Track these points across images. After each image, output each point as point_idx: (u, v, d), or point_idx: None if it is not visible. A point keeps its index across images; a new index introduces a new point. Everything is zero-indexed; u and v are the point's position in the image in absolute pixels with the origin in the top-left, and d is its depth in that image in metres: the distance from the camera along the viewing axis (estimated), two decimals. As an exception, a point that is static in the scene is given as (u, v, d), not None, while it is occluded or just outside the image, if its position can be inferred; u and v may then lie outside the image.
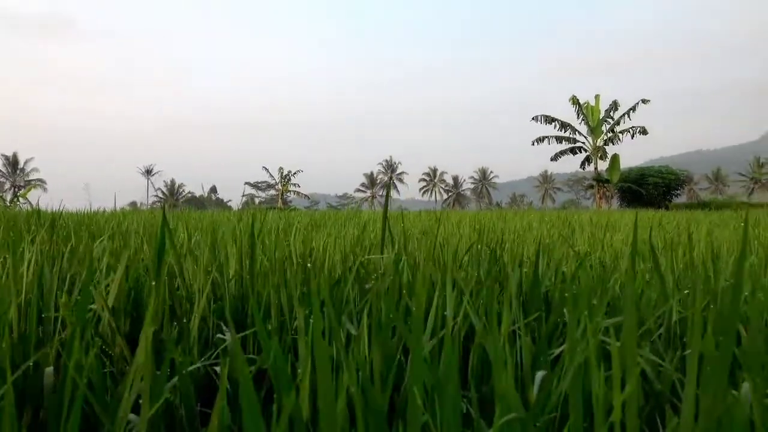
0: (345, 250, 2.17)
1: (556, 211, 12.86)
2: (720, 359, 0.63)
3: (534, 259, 1.53)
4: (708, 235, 3.72)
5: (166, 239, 1.34)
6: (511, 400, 0.68)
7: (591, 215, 9.54)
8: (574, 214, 9.44)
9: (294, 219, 5.95)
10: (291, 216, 6.97)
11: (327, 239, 2.62)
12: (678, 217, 8.47)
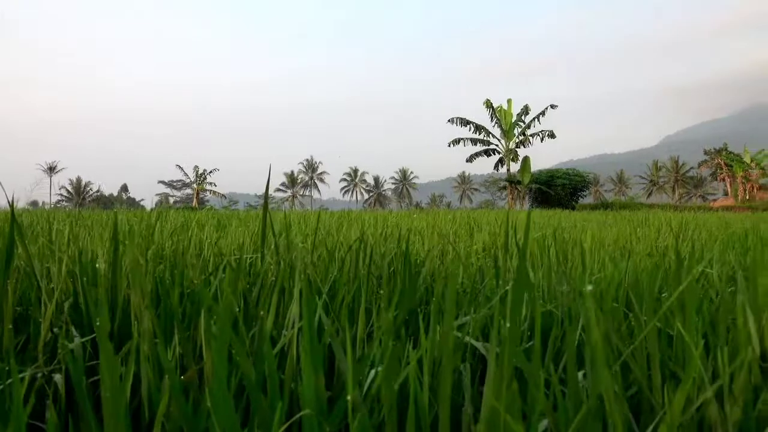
0: (230, 249, 2.13)
1: (467, 211, 13.23)
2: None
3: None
4: (583, 233, 3.95)
5: (15, 237, 1.26)
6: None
7: (498, 215, 9.89)
8: (483, 214, 9.76)
9: (193, 218, 5.75)
10: (198, 216, 6.75)
11: (215, 237, 2.56)
12: (576, 216, 8.94)
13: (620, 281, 1.80)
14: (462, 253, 2.55)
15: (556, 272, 2.08)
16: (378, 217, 7.33)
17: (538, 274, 2.20)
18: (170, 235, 2.71)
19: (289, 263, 1.48)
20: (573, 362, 0.80)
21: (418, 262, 1.96)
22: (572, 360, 0.80)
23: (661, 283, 1.74)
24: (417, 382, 0.76)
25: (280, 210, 18.57)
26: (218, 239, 2.48)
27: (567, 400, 0.78)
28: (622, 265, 1.90)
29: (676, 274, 1.75)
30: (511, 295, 0.67)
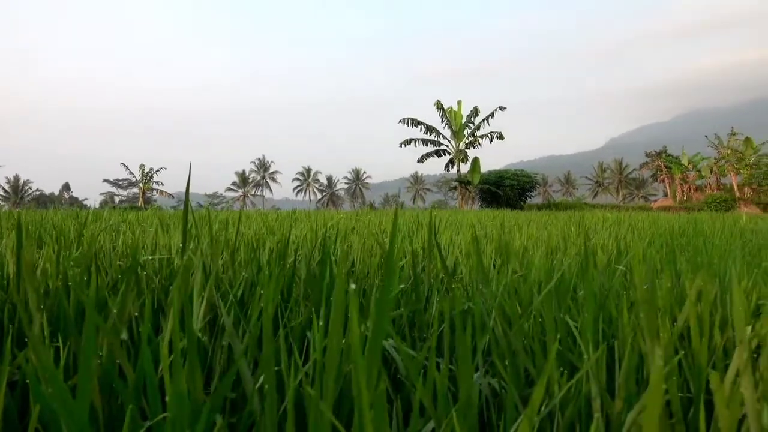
0: (157, 249, 2.11)
1: (416, 211, 13.34)
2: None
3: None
4: (519, 232, 4.07)
5: None
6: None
7: (448, 214, 10.02)
8: (432, 214, 9.85)
9: (128, 218, 5.61)
10: (138, 216, 6.59)
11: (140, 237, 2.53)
12: (521, 216, 9.15)
13: (538, 278, 1.89)
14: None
15: (476, 271, 2.15)
16: (325, 217, 7.33)
17: (465, 273, 2.27)
18: (96, 235, 2.66)
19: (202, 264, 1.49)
20: (467, 357, 0.84)
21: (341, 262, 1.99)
22: (466, 355, 0.85)
23: (576, 280, 1.84)
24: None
25: (232, 210, 18.26)
26: (135, 239, 2.44)
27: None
28: (542, 262, 1.99)
29: (582, 271, 1.85)
30: (381, 293, 0.71)
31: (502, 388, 1.15)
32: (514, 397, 0.96)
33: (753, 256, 2.61)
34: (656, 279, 1.71)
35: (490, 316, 1.48)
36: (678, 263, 2.04)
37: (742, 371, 0.60)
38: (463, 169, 33.09)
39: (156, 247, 2.20)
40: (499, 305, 1.38)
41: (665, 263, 1.97)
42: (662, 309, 1.26)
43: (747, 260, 2.35)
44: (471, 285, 1.92)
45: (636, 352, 0.90)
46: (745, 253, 2.86)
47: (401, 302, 1.67)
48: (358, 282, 1.90)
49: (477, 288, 1.71)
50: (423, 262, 2.01)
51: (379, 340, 0.63)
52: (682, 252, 3.03)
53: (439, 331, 1.41)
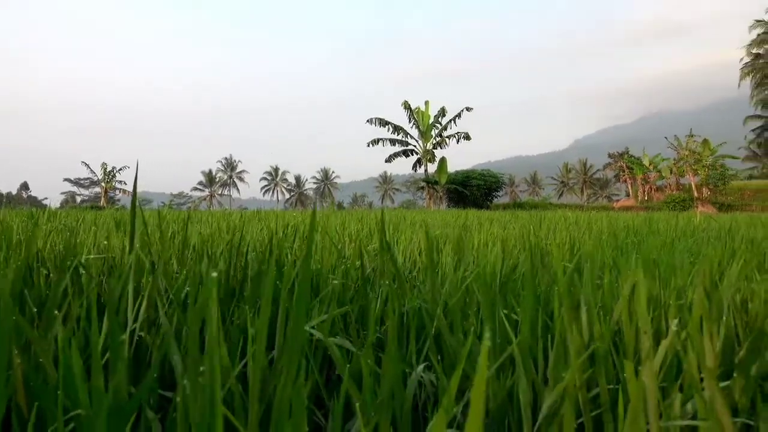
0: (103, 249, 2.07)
1: (384, 211, 13.37)
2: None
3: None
4: (478, 232, 4.13)
5: None
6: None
7: (414, 214, 10.08)
8: (399, 213, 9.90)
9: (84, 218, 5.49)
10: (94, 216, 6.44)
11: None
12: (485, 215, 9.26)
13: (492, 275, 1.92)
14: (352, 252, 2.61)
15: (428, 269, 2.18)
16: (286, 216, 7.29)
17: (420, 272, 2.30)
18: (46, 235, 2.60)
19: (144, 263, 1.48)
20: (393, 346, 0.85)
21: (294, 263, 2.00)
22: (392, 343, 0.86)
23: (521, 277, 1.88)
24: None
25: (199, 209, 17.99)
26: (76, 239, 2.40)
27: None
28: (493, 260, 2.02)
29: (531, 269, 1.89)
30: (297, 291, 0.72)
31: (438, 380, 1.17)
32: (449, 389, 0.97)
33: (695, 255, 2.70)
34: (586, 275, 1.76)
35: (434, 313, 1.51)
36: (622, 261, 2.10)
37: (644, 359, 0.63)
38: (431, 169, 33.32)
39: (107, 247, 2.17)
40: (443, 302, 1.41)
41: (607, 260, 2.03)
42: (601, 304, 1.31)
43: (689, 258, 2.43)
44: (422, 282, 1.95)
45: (563, 344, 0.94)
46: (689, 250, 2.96)
47: (353, 301, 1.69)
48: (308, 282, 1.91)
49: (426, 285, 1.73)
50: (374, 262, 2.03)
51: (298, 331, 0.64)
52: (629, 250, 3.11)
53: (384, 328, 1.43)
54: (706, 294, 1.20)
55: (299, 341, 0.64)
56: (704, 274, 1.12)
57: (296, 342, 0.64)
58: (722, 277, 1.91)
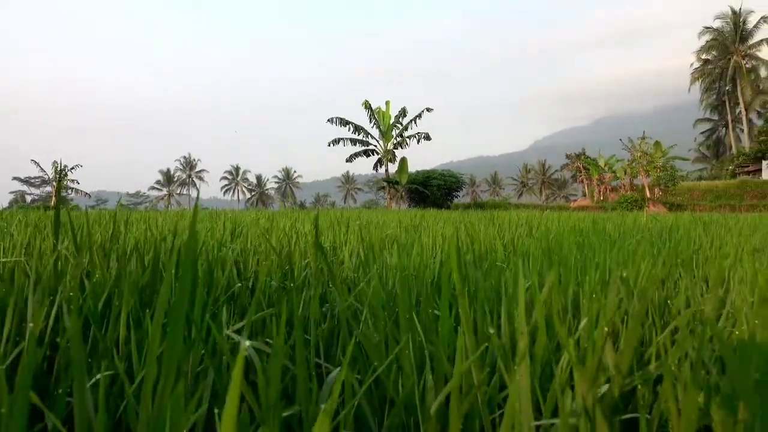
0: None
1: (339, 210, 13.37)
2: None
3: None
4: (424, 231, 4.17)
5: None
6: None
7: (371, 214, 10.09)
8: (358, 213, 9.90)
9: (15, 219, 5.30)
10: (38, 216, 6.24)
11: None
12: (442, 215, 9.34)
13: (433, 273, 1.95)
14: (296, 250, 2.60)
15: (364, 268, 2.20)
16: (235, 217, 7.21)
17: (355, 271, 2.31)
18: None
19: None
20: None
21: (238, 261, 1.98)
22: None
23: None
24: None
25: (156, 209, 17.56)
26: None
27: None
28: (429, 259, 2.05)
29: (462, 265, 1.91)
30: (178, 292, 0.71)
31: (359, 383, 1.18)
32: (331, 397, 0.99)
33: (629, 255, 2.78)
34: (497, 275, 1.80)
35: (361, 312, 1.52)
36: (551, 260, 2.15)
37: (519, 361, 0.66)
38: (392, 169, 33.43)
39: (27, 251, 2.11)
40: (368, 302, 1.42)
41: (534, 260, 2.08)
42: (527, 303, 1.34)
43: (622, 257, 2.51)
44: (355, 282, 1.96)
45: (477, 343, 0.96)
46: (622, 249, 3.05)
47: (283, 303, 1.69)
48: (245, 283, 1.90)
49: (359, 285, 1.75)
50: (309, 261, 2.03)
51: (174, 334, 0.64)
52: (564, 249, 3.19)
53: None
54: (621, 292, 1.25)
55: (176, 343, 0.64)
56: (614, 279, 1.17)
57: (174, 346, 0.64)
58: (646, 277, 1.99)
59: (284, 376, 1.10)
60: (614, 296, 1.19)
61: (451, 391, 0.68)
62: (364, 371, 1.17)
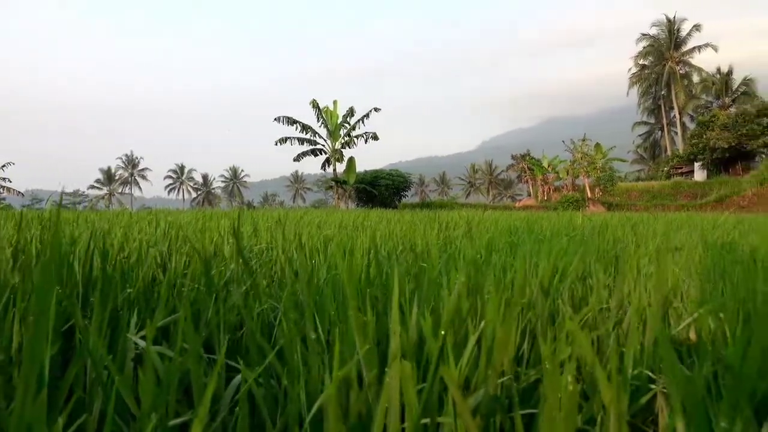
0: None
1: (285, 210, 13.24)
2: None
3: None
4: (362, 231, 4.19)
5: None
6: None
7: (315, 215, 10.04)
8: (295, 213, 9.83)
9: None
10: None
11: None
12: (386, 214, 9.39)
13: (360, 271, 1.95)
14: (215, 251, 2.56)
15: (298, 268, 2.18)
16: (180, 216, 7.04)
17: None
18: None
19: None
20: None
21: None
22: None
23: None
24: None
25: (96, 209, 16.89)
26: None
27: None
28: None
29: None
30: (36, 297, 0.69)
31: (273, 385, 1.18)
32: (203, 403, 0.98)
33: (558, 257, 2.87)
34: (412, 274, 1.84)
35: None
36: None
37: (391, 361, 0.67)
38: (340, 169, 33.35)
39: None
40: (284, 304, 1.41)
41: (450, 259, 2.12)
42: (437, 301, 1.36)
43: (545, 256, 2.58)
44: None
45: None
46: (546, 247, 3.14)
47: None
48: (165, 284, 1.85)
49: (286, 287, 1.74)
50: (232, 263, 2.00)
51: (36, 341, 0.62)
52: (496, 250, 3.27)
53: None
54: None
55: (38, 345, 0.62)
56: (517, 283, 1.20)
57: (35, 348, 0.62)
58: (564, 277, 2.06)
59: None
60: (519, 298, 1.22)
61: (329, 397, 0.68)
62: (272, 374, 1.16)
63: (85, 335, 0.94)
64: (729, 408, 0.86)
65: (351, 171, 30.78)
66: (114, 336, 1.33)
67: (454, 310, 1.24)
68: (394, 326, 0.68)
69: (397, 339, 0.67)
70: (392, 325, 0.69)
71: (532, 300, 1.48)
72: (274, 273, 2.35)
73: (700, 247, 3.49)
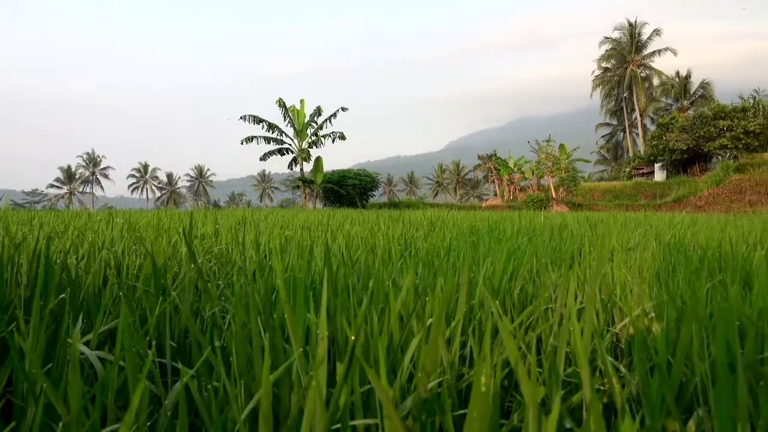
0: None
1: (250, 210, 13.11)
2: None
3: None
4: (326, 231, 4.19)
5: None
6: None
7: (279, 215, 9.97)
8: (260, 212, 9.75)
9: None
10: None
11: None
12: (352, 214, 9.38)
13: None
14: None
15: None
16: (144, 216, 6.92)
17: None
18: None
19: None
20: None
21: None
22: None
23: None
24: None
25: (56, 209, 16.42)
26: None
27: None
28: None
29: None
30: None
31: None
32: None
33: (511, 257, 2.92)
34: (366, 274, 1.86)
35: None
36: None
37: (317, 363, 0.68)
38: (307, 168, 33.16)
39: None
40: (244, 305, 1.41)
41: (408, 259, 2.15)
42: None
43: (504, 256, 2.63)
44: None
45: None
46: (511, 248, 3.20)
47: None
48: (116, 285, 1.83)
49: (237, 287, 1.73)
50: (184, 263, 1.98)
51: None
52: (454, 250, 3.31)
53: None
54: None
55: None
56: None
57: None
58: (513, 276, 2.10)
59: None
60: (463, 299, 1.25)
61: (261, 398, 0.69)
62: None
63: (14, 342, 0.93)
64: (655, 404, 0.90)
65: (318, 171, 30.64)
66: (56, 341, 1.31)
67: (398, 312, 1.26)
68: (322, 332, 0.69)
69: (324, 344, 0.68)
70: (319, 331, 0.70)
71: (481, 299, 1.51)
72: (230, 275, 2.34)
73: (653, 246, 3.60)
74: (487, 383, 0.54)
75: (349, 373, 0.67)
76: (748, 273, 2.44)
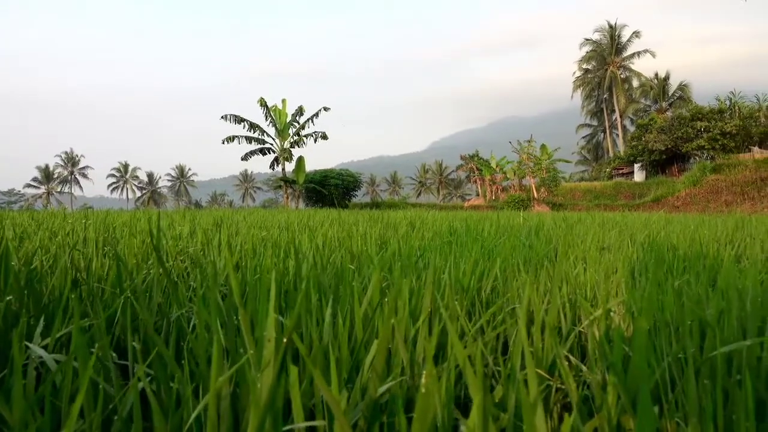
0: None
1: (231, 211, 13.01)
2: None
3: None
4: (303, 231, 4.17)
5: None
6: None
7: (258, 215, 9.91)
8: (240, 212, 9.69)
9: None
10: None
11: None
12: (332, 214, 9.36)
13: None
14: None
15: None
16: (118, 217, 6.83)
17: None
18: None
19: None
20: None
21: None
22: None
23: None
24: None
25: (33, 209, 16.16)
26: None
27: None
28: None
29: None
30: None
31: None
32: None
33: (491, 259, 2.94)
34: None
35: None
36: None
37: (264, 365, 0.68)
38: (289, 168, 33.02)
39: None
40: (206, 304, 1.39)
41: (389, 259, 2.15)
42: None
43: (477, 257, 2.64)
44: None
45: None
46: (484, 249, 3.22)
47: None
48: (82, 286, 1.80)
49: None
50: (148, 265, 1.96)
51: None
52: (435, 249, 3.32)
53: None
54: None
55: None
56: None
57: None
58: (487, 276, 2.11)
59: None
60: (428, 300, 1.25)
61: (209, 400, 0.68)
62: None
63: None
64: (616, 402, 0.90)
65: (300, 170, 30.52)
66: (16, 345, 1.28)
67: (363, 313, 1.26)
68: (269, 333, 0.69)
69: (271, 346, 0.68)
70: (266, 333, 0.69)
71: (446, 300, 1.51)
72: (204, 276, 2.32)
73: (627, 246, 3.64)
74: (427, 384, 0.55)
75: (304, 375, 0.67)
76: (717, 272, 2.48)
